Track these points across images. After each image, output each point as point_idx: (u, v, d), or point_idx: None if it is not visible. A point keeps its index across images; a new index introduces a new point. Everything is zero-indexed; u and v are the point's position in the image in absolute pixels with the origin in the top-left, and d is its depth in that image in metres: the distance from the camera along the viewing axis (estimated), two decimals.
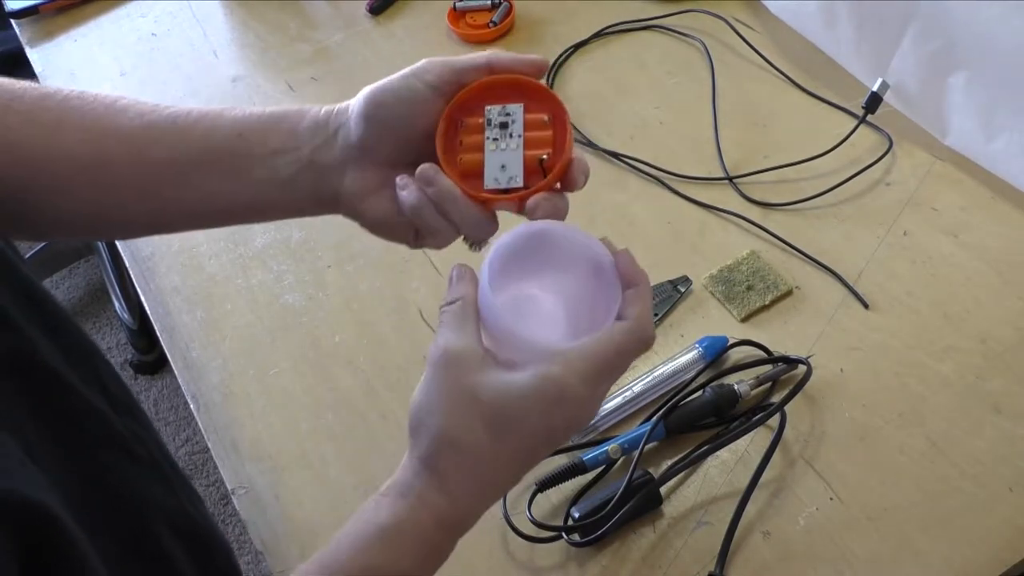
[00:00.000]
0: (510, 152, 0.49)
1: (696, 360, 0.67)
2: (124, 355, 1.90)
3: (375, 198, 0.51)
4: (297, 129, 0.51)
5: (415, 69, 0.50)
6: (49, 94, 0.51)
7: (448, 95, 0.50)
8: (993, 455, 0.61)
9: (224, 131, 0.51)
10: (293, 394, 0.72)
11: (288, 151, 0.51)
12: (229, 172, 0.51)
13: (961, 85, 0.75)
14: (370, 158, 0.51)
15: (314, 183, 0.51)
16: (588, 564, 0.60)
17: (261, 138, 0.51)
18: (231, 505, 1.59)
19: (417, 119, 0.49)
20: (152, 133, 0.51)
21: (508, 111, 0.49)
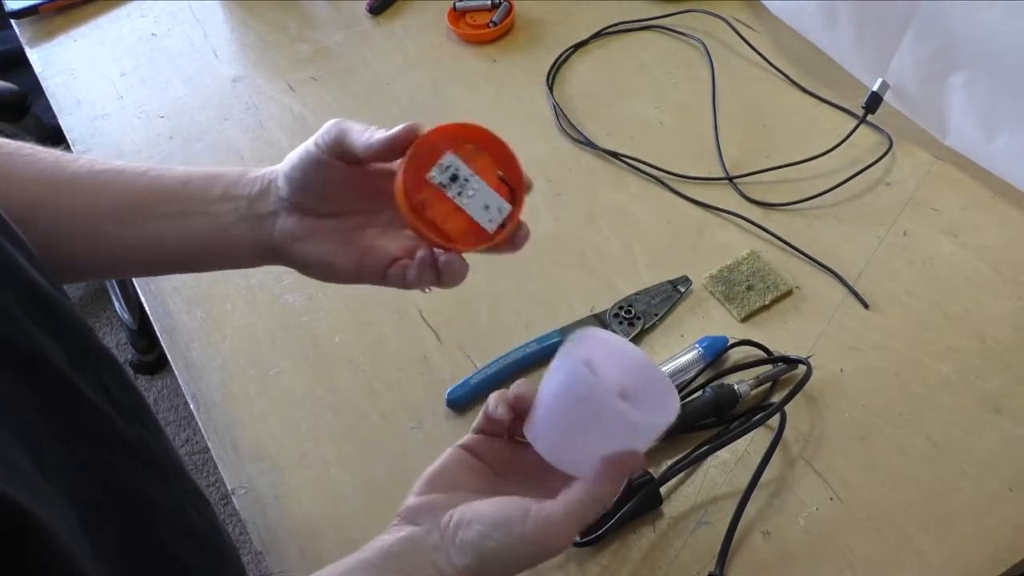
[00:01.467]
0: (479, 192, 0.51)
1: (696, 360, 0.67)
2: (124, 355, 1.90)
3: (306, 243, 0.55)
4: (239, 181, 0.56)
5: (318, 135, 0.53)
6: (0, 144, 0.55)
7: (344, 158, 0.52)
8: (993, 455, 0.61)
9: (170, 180, 0.56)
10: (293, 394, 0.72)
11: (229, 199, 0.55)
12: (172, 217, 0.55)
13: (961, 85, 0.75)
14: (298, 209, 0.54)
15: (251, 231, 0.55)
16: (588, 564, 0.60)
17: (205, 187, 0.56)
18: (231, 505, 1.59)
19: (323, 177, 0.53)
20: (100, 180, 0.55)
21: (445, 164, 0.51)
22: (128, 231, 0.55)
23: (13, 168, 0.54)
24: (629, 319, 0.71)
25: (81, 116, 1.00)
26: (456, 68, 0.97)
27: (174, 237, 0.55)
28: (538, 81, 0.93)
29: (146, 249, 0.56)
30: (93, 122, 0.99)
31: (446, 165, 0.51)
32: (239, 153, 0.92)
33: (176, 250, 0.56)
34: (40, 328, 0.42)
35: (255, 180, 0.56)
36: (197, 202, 0.55)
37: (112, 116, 0.99)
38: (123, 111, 1.00)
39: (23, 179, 0.54)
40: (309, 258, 0.55)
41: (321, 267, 0.56)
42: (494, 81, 0.94)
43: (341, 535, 0.64)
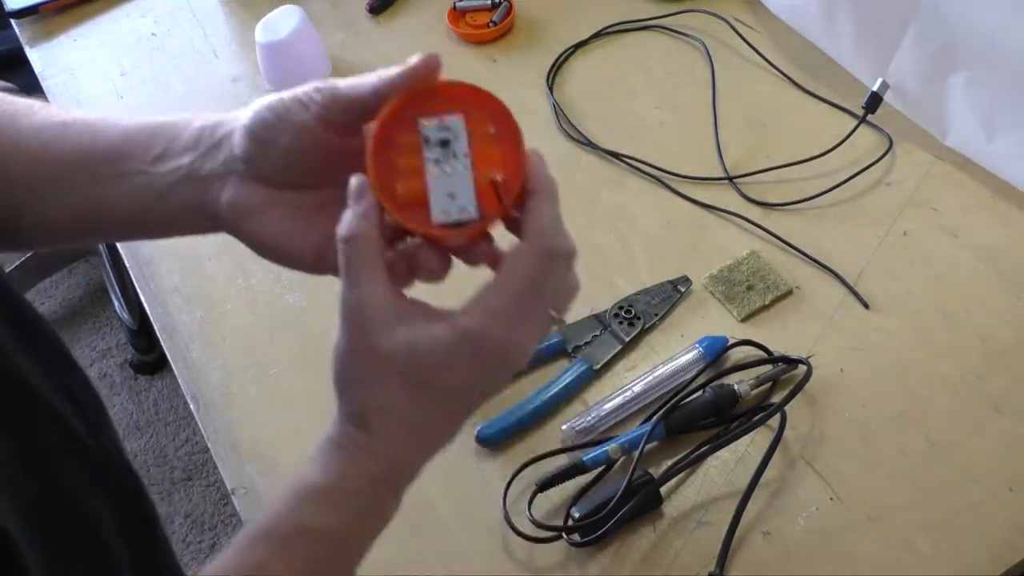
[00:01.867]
0: (457, 176, 0.42)
1: (696, 360, 0.67)
2: (124, 355, 1.90)
3: (259, 218, 0.46)
4: (181, 136, 0.48)
5: (302, 95, 0.45)
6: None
7: (336, 125, 0.44)
8: (993, 455, 0.61)
9: (111, 134, 0.49)
10: (293, 394, 0.72)
11: (168, 158, 0.47)
12: (110, 178, 0.48)
13: (961, 85, 0.75)
14: (254, 175, 0.46)
15: (193, 195, 0.47)
16: (588, 564, 0.60)
17: (145, 142, 0.48)
18: (231, 505, 1.59)
19: (304, 146, 0.45)
20: (43, 137, 0.49)
21: (447, 124, 0.42)
22: (64, 194, 0.49)
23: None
24: (629, 319, 0.71)
25: None
26: (456, 68, 0.97)
27: (110, 202, 0.49)
28: (538, 81, 0.93)
29: (81, 211, 0.49)
30: None
31: (448, 125, 0.42)
32: None
33: (114, 217, 0.49)
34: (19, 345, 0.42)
35: (203, 131, 0.47)
36: (136, 160, 0.48)
37: None
38: (123, 111, 1.00)
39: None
40: (260, 236, 0.47)
41: (273, 249, 0.48)
42: (494, 81, 0.94)
43: None
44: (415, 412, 0.43)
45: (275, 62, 0.95)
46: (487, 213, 0.42)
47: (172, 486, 1.70)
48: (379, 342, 0.41)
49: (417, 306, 0.43)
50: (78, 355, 1.91)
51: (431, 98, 0.42)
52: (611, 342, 0.70)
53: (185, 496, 1.69)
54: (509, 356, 0.42)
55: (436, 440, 0.45)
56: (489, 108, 0.42)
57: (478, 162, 0.42)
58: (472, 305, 0.41)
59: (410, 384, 0.42)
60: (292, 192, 0.47)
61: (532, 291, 0.41)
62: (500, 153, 0.42)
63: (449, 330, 0.41)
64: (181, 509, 1.67)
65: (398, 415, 0.43)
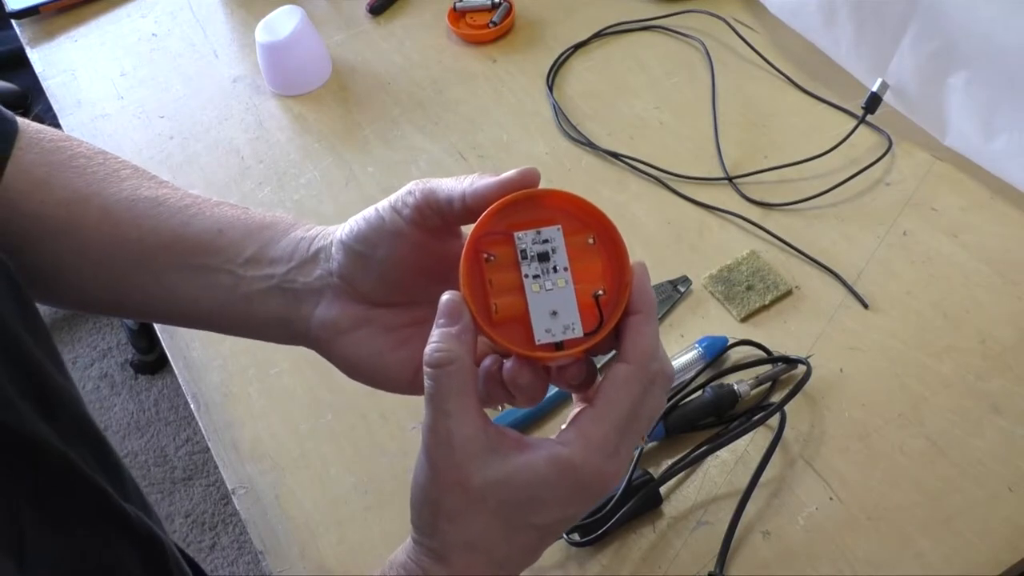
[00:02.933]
0: (558, 291, 0.39)
1: (696, 360, 0.67)
2: (124, 355, 1.91)
3: (351, 338, 0.45)
4: (277, 242, 0.46)
5: (395, 199, 0.43)
6: (59, 147, 0.49)
7: (432, 229, 0.42)
8: (993, 455, 0.61)
9: (203, 224, 0.47)
10: (293, 394, 0.72)
11: (260, 263, 0.46)
12: (196, 271, 0.47)
13: (961, 85, 0.75)
14: (349, 291, 0.45)
15: (281, 307, 0.46)
16: (588, 564, 0.60)
17: (238, 241, 0.47)
18: (231, 505, 1.59)
19: (400, 255, 0.43)
20: (133, 211, 0.48)
21: (545, 236, 0.39)
22: (145, 278, 0.48)
23: (55, 176, 0.48)
24: None
25: (81, 116, 1.00)
26: (456, 68, 0.97)
27: (190, 293, 0.47)
28: (538, 81, 0.93)
29: (159, 299, 0.48)
30: (93, 122, 0.99)
31: (547, 237, 0.39)
32: (239, 153, 0.92)
33: (190, 308, 0.48)
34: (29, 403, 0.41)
35: (299, 242, 0.46)
36: (226, 258, 0.46)
37: (112, 116, 0.99)
38: (123, 111, 1.00)
39: (64, 190, 0.48)
40: (353, 357, 0.45)
41: (366, 371, 0.45)
42: (494, 81, 0.94)
43: (341, 535, 0.64)
44: (503, 548, 0.40)
45: (275, 62, 0.96)
46: (589, 328, 0.39)
47: (172, 486, 1.70)
48: (471, 477, 0.38)
49: (507, 435, 0.40)
50: (78, 355, 1.92)
51: (525, 208, 0.40)
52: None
53: (185, 496, 1.69)
54: (606, 485, 0.39)
55: (517, 570, 0.42)
56: (587, 216, 0.40)
57: (579, 275, 0.39)
58: (571, 434, 0.38)
59: (502, 520, 0.39)
60: (387, 310, 0.45)
61: (632, 417, 0.39)
62: (600, 265, 0.40)
63: (548, 462, 0.38)
64: (181, 509, 1.67)
65: (484, 551, 0.40)
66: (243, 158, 0.91)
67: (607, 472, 0.39)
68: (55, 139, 0.50)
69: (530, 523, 0.39)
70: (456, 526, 0.39)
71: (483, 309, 0.39)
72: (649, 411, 0.40)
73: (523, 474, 0.38)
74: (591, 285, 0.39)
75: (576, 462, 0.38)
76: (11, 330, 0.41)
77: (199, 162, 0.92)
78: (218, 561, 1.61)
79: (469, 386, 0.39)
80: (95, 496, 0.43)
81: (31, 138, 0.49)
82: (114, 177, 0.49)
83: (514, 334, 0.39)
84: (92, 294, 0.50)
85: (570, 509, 0.40)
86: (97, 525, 0.43)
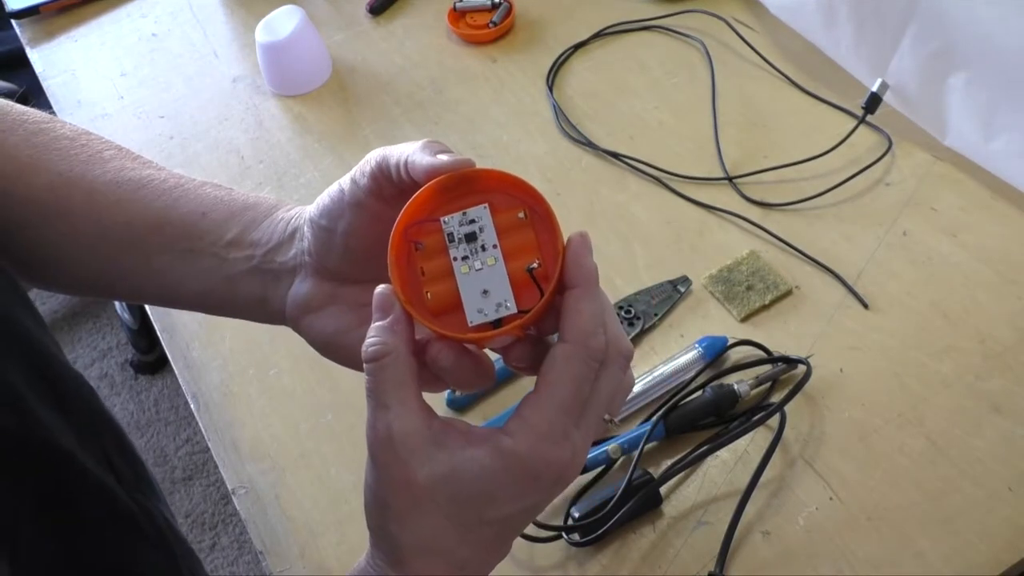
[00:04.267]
0: (488, 270, 0.38)
1: (696, 360, 0.67)
2: (124, 355, 1.91)
3: (319, 315, 0.45)
4: (259, 224, 0.47)
5: (355, 171, 0.43)
6: (42, 128, 0.50)
7: (388, 198, 0.41)
8: (993, 455, 0.61)
9: (189, 206, 0.48)
10: (293, 394, 0.72)
11: (241, 245, 0.47)
12: (181, 254, 0.47)
13: (961, 85, 0.75)
14: (319, 270, 0.45)
15: (260, 287, 0.46)
16: (588, 564, 0.60)
17: (221, 223, 0.47)
18: (231, 505, 1.59)
19: (360, 227, 0.43)
20: (118, 193, 0.48)
21: (472, 217, 0.38)
22: (132, 260, 0.48)
23: (41, 159, 0.48)
24: (629, 319, 0.71)
25: (81, 116, 1.00)
26: (456, 68, 0.97)
27: (176, 275, 0.48)
28: (538, 81, 0.93)
29: (147, 279, 0.49)
30: (93, 122, 0.99)
31: (472, 216, 0.39)
32: (239, 153, 0.92)
33: (177, 289, 0.49)
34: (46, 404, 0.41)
35: (277, 223, 0.46)
36: (210, 241, 0.47)
37: (112, 116, 0.99)
38: (123, 111, 1.00)
39: (49, 172, 0.48)
40: (323, 336, 0.45)
41: (332, 347, 0.45)
42: (494, 81, 0.94)
43: (341, 535, 0.64)
44: (460, 549, 0.38)
45: (275, 62, 0.96)
46: (525, 304, 0.38)
47: (172, 486, 1.70)
48: (415, 473, 0.37)
49: (453, 426, 0.39)
50: (78, 355, 1.92)
51: (453, 190, 0.39)
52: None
53: (186, 495, 1.69)
54: (559, 473, 0.37)
55: (484, 570, 0.41)
56: (514, 191, 0.39)
57: (510, 252, 0.38)
58: (514, 423, 0.37)
59: (453, 518, 0.37)
60: (355, 287, 0.45)
61: (579, 400, 0.37)
62: (533, 238, 0.39)
63: (491, 454, 0.36)
64: (181, 508, 1.67)
65: (440, 554, 0.38)
66: (243, 158, 0.91)
67: (556, 459, 0.37)
68: (38, 121, 0.50)
69: (484, 519, 0.38)
70: (407, 528, 0.38)
71: (417, 299, 0.39)
72: (605, 392, 0.38)
73: (469, 468, 0.37)
74: (525, 260, 0.38)
75: (520, 451, 0.36)
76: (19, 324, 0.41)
77: (199, 162, 0.92)
78: (218, 561, 1.61)
79: (407, 378, 0.38)
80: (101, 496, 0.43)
81: (14, 120, 0.50)
82: (98, 158, 0.50)
83: (452, 320, 0.38)
84: (84, 278, 0.51)
85: (525, 501, 0.38)
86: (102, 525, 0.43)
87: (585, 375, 0.37)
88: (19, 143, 0.49)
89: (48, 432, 0.41)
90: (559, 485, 0.38)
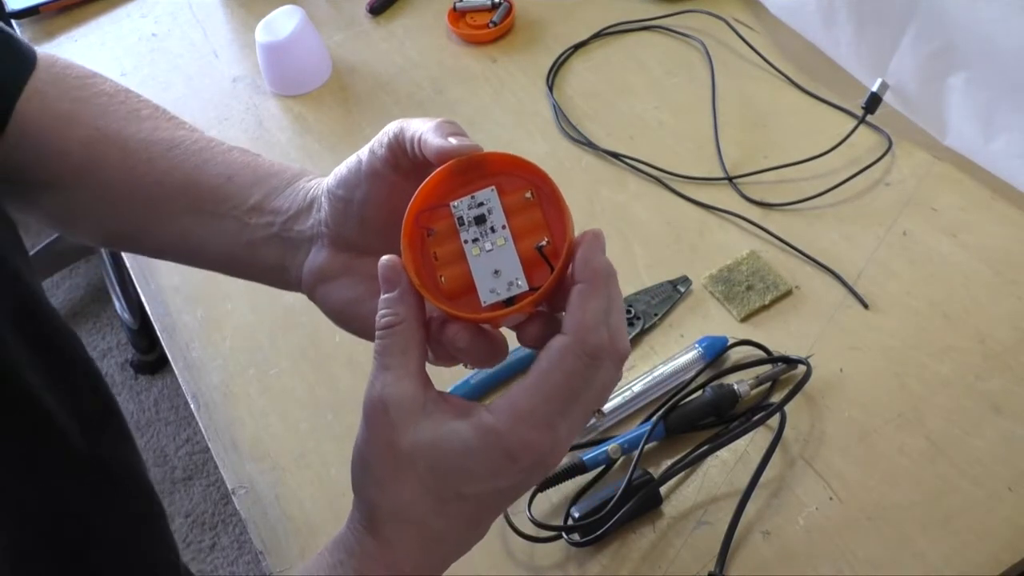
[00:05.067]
0: (499, 250, 0.39)
1: (696, 360, 0.67)
2: (124, 355, 1.91)
3: (333, 284, 0.46)
4: (281, 191, 0.48)
5: (373, 142, 0.44)
6: (85, 84, 0.51)
7: (406, 170, 0.42)
8: (993, 455, 0.61)
9: (215, 169, 0.49)
10: (293, 394, 0.72)
11: (264, 211, 0.48)
12: (206, 216, 0.49)
13: (961, 85, 0.75)
14: (335, 238, 0.46)
15: (278, 255, 0.48)
16: (588, 564, 0.60)
17: (246, 187, 0.48)
18: (231, 505, 1.59)
19: (377, 197, 0.44)
20: (151, 151, 0.49)
21: (480, 200, 0.40)
22: (160, 218, 0.50)
23: (79, 112, 0.50)
24: (629, 319, 0.71)
25: None
26: (456, 68, 0.97)
27: (200, 236, 0.49)
28: (538, 81, 0.93)
29: (175, 242, 0.51)
30: None
31: (480, 199, 0.40)
32: None
33: (202, 252, 0.50)
34: (22, 342, 0.41)
35: (299, 192, 0.47)
36: (233, 205, 0.48)
37: None
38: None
39: (87, 127, 0.49)
40: (337, 305, 0.46)
41: (346, 316, 0.46)
42: (494, 81, 0.94)
43: None
44: (433, 521, 0.39)
45: (275, 62, 0.96)
46: (537, 281, 0.39)
47: (172, 486, 1.70)
48: (400, 438, 0.37)
49: (449, 401, 0.39)
50: None
51: (461, 175, 0.40)
52: None
53: (185, 495, 1.69)
54: (537, 458, 0.38)
55: (454, 551, 0.41)
56: (521, 172, 0.40)
57: (519, 231, 0.39)
58: (501, 402, 0.37)
59: (429, 489, 0.38)
60: (370, 259, 0.44)
61: (568, 392, 0.37)
62: (541, 217, 0.40)
63: (473, 429, 0.37)
64: (181, 508, 1.67)
65: (414, 523, 0.39)
66: None
67: (535, 443, 0.37)
68: (81, 75, 0.52)
69: (460, 493, 0.38)
70: (385, 492, 0.38)
71: (432, 283, 0.40)
72: (597, 387, 0.38)
73: (450, 440, 0.37)
74: (534, 238, 0.39)
75: (500, 430, 0.37)
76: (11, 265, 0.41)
77: None
78: (218, 561, 1.61)
79: (412, 345, 0.39)
80: (68, 443, 0.42)
81: (58, 73, 0.51)
82: (134, 116, 0.51)
83: (467, 301, 0.39)
84: (111, 231, 0.53)
85: (500, 480, 0.38)
86: (70, 472, 0.42)
87: (577, 370, 0.37)
88: (60, 95, 0.50)
89: (20, 375, 0.40)
90: (537, 470, 0.39)
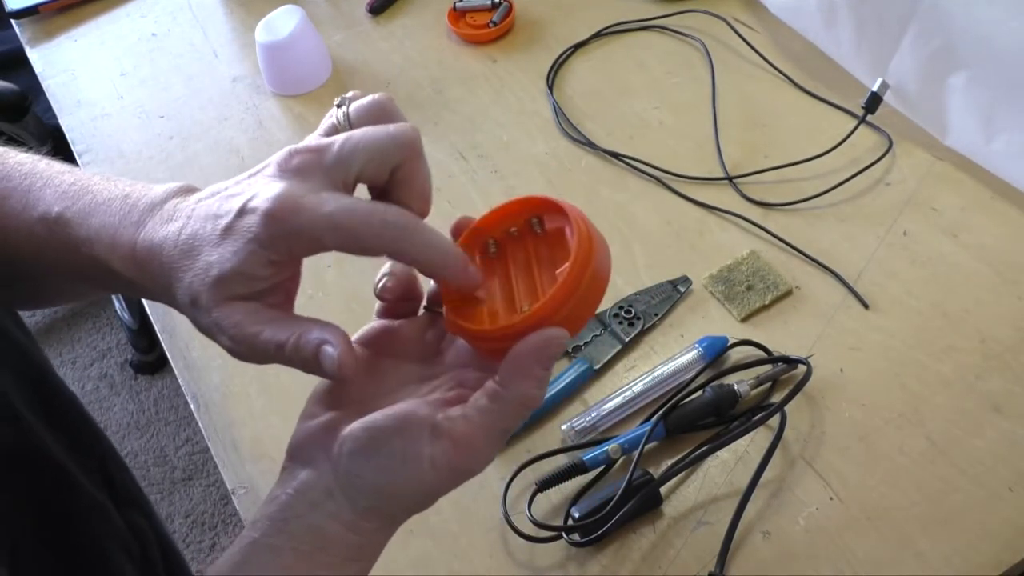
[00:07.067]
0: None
1: (696, 360, 0.67)
2: (124, 355, 1.91)
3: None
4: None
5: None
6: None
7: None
8: (993, 455, 0.61)
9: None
10: (293, 394, 0.72)
11: None
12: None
13: (961, 85, 0.75)
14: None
15: None
16: (588, 564, 0.60)
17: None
18: (231, 505, 1.59)
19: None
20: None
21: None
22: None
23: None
24: (629, 319, 0.71)
25: (81, 116, 1.00)
26: (456, 68, 0.97)
27: None
28: (538, 81, 0.93)
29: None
30: (93, 122, 0.99)
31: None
32: (239, 153, 0.92)
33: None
34: (40, 419, 0.41)
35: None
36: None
37: (112, 116, 0.99)
38: (123, 111, 1.00)
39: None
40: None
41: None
42: (494, 81, 0.94)
43: None
44: None
45: (275, 62, 0.96)
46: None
47: (172, 486, 1.70)
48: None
49: None
50: (78, 355, 1.92)
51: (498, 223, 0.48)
52: (611, 342, 0.70)
53: (185, 496, 1.69)
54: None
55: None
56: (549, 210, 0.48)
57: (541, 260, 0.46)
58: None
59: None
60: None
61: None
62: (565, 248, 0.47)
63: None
64: (181, 509, 1.67)
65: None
66: (243, 158, 0.91)
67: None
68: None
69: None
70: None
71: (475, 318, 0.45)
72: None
73: None
74: (555, 267, 0.45)
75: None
76: (13, 338, 0.41)
77: (199, 162, 0.92)
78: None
79: None
80: (94, 513, 0.43)
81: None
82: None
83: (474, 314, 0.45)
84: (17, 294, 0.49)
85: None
86: (95, 539, 0.42)
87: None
88: None
89: (44, 447, 0.40)
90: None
